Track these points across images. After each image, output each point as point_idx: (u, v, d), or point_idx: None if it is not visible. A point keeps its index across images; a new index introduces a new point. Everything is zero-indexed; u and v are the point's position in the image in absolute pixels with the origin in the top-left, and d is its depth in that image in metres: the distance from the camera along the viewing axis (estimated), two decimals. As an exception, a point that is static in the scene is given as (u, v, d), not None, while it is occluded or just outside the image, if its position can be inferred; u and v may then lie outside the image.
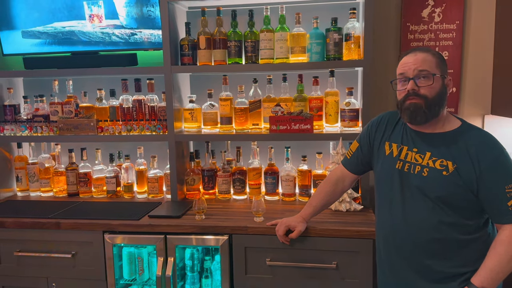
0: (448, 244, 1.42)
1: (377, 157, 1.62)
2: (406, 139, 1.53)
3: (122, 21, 2.36)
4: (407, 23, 2.37)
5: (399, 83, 1.48)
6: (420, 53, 1.44)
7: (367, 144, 1.67)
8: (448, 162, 1.42)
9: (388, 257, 1.56)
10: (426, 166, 1.45)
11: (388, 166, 1.55)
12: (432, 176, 1.43)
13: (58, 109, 2.48)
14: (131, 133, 2.38)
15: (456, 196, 1.40)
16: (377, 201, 1.65)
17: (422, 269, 1.46)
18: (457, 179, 1.40)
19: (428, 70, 1.42)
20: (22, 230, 2.10)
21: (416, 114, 1.43)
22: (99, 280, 2.06)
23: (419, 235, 1.45)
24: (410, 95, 1.42)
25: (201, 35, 2.27)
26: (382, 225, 1.59)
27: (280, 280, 1.92)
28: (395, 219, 1.50)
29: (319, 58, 2.19)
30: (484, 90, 2.38)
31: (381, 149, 1.60)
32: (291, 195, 2.35)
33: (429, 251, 1.44)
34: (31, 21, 2.45)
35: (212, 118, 2.38)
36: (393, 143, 1.56)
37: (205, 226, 1.96)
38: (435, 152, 1.45)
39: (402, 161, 1.51)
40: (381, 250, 1.60)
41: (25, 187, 2.61)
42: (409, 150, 1.50)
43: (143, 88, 2.42)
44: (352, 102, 2.22)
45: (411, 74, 1.43)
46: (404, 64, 1.46)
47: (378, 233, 1.64)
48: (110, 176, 2.47)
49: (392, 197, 1.52)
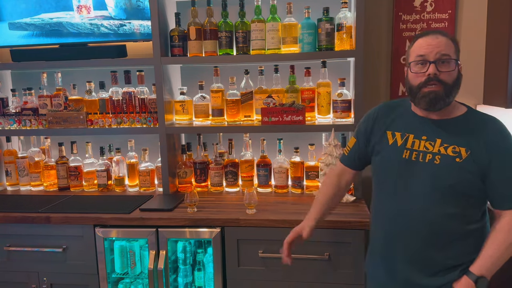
0: (451, 234, 1.39)
1: (378, 148, 1.54)
2: (411, 127, 1.48)
3: (110, 12, 2.32)
4: (399, 12, 2.35)
5: (416, 65, 1.40)
6: (442, 36, 1.38)
7: (364, 139, 1.61)
8: (460, 149, 1.37)
9: (386, 248, 1.50)
10: (437, 153, 1.39)
11: (392, 155, 1.48)
12: (445, 164, 1.38)
13: (47, 102, 2.45)
14: (121, 125, 2.35)
15: (467, 184, 1.37)
16: (376, 191, 1.58)
17: (422, 260, 1.42)
18: (471, 165, 1.36)
19: (449, 55, 1.37)
20: (12, 224, 2.08)
21: (436, 102, 1.38)
22: (91, 274, 2.05)
23: (424, 225, 1.40)
24: (431, 80, 1.36)
25: (191, 26, 2.23)
26: (383, 215, 1.52)
27: (272, 272, 1.92)
28: (399, 209, 1.44)
29: (311, 48, 2.17)
30: (476, 79, 2.37)
31: (383, 140, 1.52)
32: (283, 187, 2.35)
33: (432, 242, 1.40)
34: (18, 12, 2.40)
35: (204, 110, 2.36)
36: (396, 132, 1.50)
37: (197, 219, 1.95)
38: (445, 139, 1.40)
39: (409, 150, 1.44)
40: (377, 240, 1.55)
41: (15, 182, 2.58)
42: (417, 138, 1.44)
43: (133, 80, 2.39)
44: (344, 93, 2.21)
45: (432, 58, 1.36)
46: (425, 46, 1.37)
47: (376, 223, 1.57)
48: (101, 170, 2.45)
49: (397, 186, 1.46)
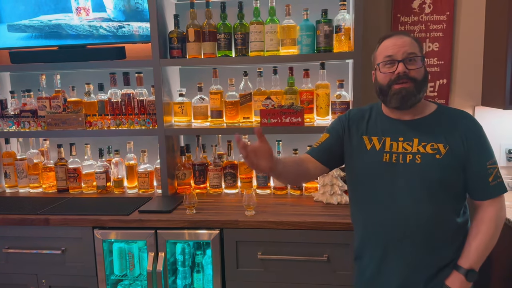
0: (443, 232, 1.39)
1: (356, 152, 1.52)
2: (386, 130, 1.48)
3: (109, 14, 2.32)
4: (397, 14, 2.36)
5: (384, 66, 1.43)
6: (406, 36, 1.43)
7: (337, 137, 1.57)
8: (438, 145, 1.40)
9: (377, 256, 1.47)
10: (417, 152, 1.41)
11: (372, 160, 1.47)
12: (426, 162, 1.39)
13: (46, 104, 2.45)
14: (120, 127, 2.35)
15: (451, 179, 1.39)
16: (356, 198, 1.56)
17: (417, 264, 1.40)
18: (451, 160, 1.38)
19: (415, 53, 1.41)
20: (11, 227, 2.07)
21: (408, 99, 1.40)
22: (90, 276, 2.05)
23: (416, 226, 1.38)
24: (401, 78, 1.39)
25: (190, 28, 2.23)
26: (368, 222, 1.49)
27: (271, 273, 1.92)
28: (387, 214, 1.42)
29: (309, 50, 2.17)
30: (475, 81, 2.37)
31: (360, 145, 1.51)
32: (282, 189, 2.34)
33: (425, 243, 1.39)
34: (17, 14, 2.40)
35: (203, 111, 2.36)
36: (372, 136, 1.50)
37: (196, 221, 1.95)
38: (422, 137, 1.43)
39: (388, 153, 1.44)
40: (365, 249, 1.52)
41: (14, 183, 2.58)
42: (394, 141, 1.45)
43: (132, 82, 2.39)
44: (343, 94, 2.21)
45: (400, 57, 1.39)
46: (391, 46, 1.42)
47: (363, 231, 1.53)
48: (100, 172, 2.44)
49: (380, 192, 1.44)
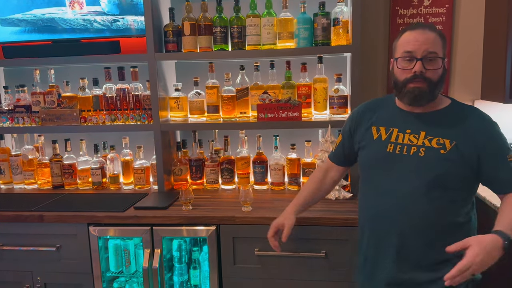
0: (440, 227, 1.39)
1: (363, 144, 1.56)
2: (395, 122, 1.49)
3: (103, 8, 2.28)
4: (396, 7, 2.32)
5: (403, 61, 1.40)
6: (430, 32, 1.38)
7: (349, 137, 1.64)
8: (445, 141, 1.39)
9: (374, 243, 1.50)
10: (422, 146, 1.41)
11: (376, 150, 1.49)
12: (430, 156, 1.39)
13: (40, 99, 2.41)
14: (115, 123, 2.32)
15: (453, 176, 1.38)
16: (362, 187, 1.60)
17: (411, 256, 1.42)
18: (456, 157, 1.37)
19: (437, 53, 1.37)
20: (5, 223, 2.05)
21: (420, 98, 1.39)
22: (85, 273, 2.03)
23: (412, 220, 1.40)
24: (417, 78, 1.37)
25: (186, 21, 2.20)
26: (368, 211, 1.53)
27: (268, 270, 1.90)
28: (386, 205, 1.44)
29: (307, 43, 2.14)
30: (474, 75, 2.35)
31: (368, 135, 1.54)
32: (280, 184, 2.32)
33: (421, 236, 1.40)
34: (10, 8, 2.36)
35: (199, 106, 2.33)
36: (380, 126, 1.51)
37: (192, 217, 1.93)
38: (430, 131, 1.42)
39: (393, 144, 1.46)
40: (365, 235, 1.55)
41: (9, 180, 2.55)
42: (401, 132, 1.46)
43: (127, 76, 2.35)
44: (340, 88, 2.18)
45: (419, 55, 1.36)
46: (412, 41, 1.37)
47: (363, 220, 1.58)
48: (95, 168, 2.42)
49: (382, 181, 1.47)
